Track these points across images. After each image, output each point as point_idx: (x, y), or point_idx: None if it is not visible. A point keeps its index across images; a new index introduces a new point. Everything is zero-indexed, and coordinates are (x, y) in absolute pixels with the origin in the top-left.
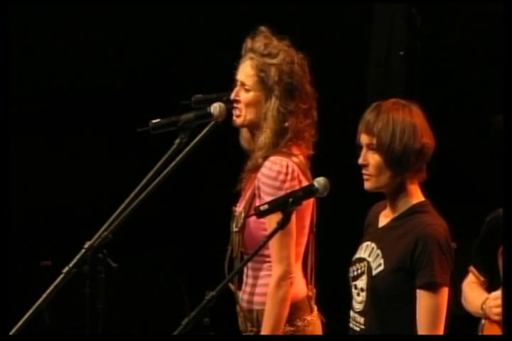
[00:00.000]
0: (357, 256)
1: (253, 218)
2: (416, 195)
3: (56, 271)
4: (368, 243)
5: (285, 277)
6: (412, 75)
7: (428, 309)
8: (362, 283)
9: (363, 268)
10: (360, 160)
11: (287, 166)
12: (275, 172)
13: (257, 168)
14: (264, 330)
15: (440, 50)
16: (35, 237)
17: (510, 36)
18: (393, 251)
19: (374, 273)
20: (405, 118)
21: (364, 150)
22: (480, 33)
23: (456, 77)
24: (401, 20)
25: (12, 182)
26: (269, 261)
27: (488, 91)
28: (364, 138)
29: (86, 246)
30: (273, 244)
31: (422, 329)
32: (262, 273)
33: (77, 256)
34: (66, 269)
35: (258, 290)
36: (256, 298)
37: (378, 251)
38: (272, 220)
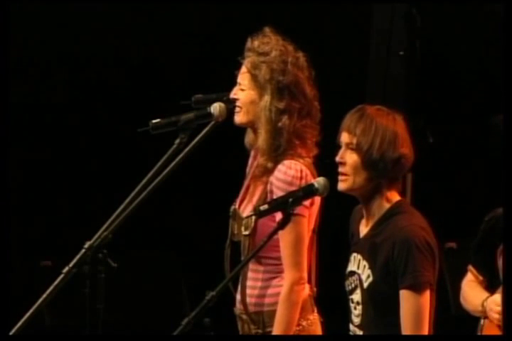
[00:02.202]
0: (348, 269)
1: (264, 222)
2: (391, 198)
3: (56, 271)
4: (355, 254)
5: (298, 282)
6: (412, 75)
7: (412, 310)
8: (357, 296)
9: (356, 282)
10: (338, 158)
11: (301, 171)
12: (290, 177)
13: (266, 172)
14: (276, 334)
15: (440, 50)
16: (35, 237)
17: (510, 36)
18: (377, 260)
19: (365, 285)
20: (388, 126)
21: (343, 148)
22: (480, 33)
23: (455, 76)
24: (401, 20)
25: (12, 182)
26: (279, 264)
27: (488, 92)
28: (344, 137)
29: (86, 246)
30: (286, 249)
31: (406, 330)
32: (272, 275)
33: (77, 256)
34: (66, 269)
35: (269, 291)
36: (267, 300)
37: (365, 263)
38: None
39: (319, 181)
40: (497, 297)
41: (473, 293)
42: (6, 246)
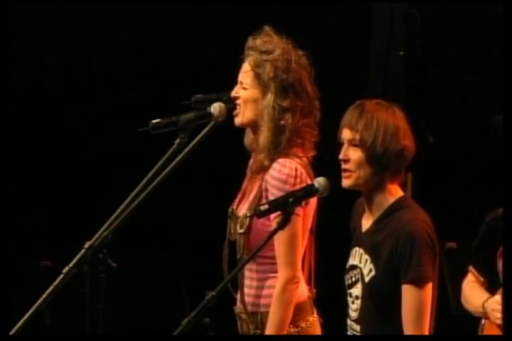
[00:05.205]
0: (349, 263)
1: (259, 220)
2: (394, 192)
3: (56, 271)
4: (357, 248)
5: (292, 281)
6: (412, 75)
7: (414, 304)
8: (357, 290)
9: (357, 276)
10: (341, 156)
11: (296, 169)
12: (285, 176)
13: (262, 169)
14: (268, 332)
15: (440, 50)
16: (35, 237)
17: (510, 36)
18: (380, 255)
19: (367, 279)
20: (389, 120)
21: (345, 145)
22: (480, 33)
23: (456, 77)
24: (401, 20)
25: (12, 182)
26: (275, 263)
27: (488, 92)
28: (346, 134)
29: (86, 246)
30: (280, 248)
31: (407, 324)
32: (268, 275)
33: (77, 256)
34: (66, 269)
35: (265, 292)
36: (263, 301)
37: (367, 257)
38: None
39: (319, 181)
40: (498, 297)
41: (473, 294)
42: (6, 246)
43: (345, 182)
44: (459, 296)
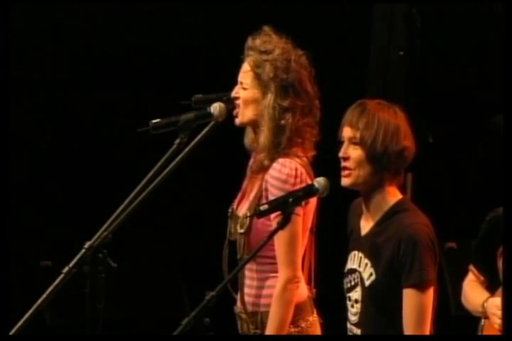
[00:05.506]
0: (348, 266)
1: (260, 220)
2: (393, 194)
3: (56, 271)
4: (355, 252)
5: (292, 281)
6: (412, 75)
7: (415, 308)
8: (356, 294)
9: (356, 280)
10: (341, 153)
11: (296, 169)
12: (285, 175)
13: (262, 169)
14: (269, 332)
15: (440, 50)
16: (35, 237)
17: (510, 36)
18: (381, 259)
19: (367, 283)
20: (390, 120)
21: (346, 143)
22: (480, 33)
23: (456, 76)
24: (401, 20)
25: (12, 182)
26: (275, 263)
27: (488, 92)
28: (347, 132)
29: (86, 246)
30: (280, 247)
31: (408, 328)
32: (268, 275)
33: (77, 256)
34: (66, 269)
35: (265, 292)
36: (263, 300)
37: (366, 261)
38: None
39: (319, 181)
40: (498, 300)
41: (473, 293)
42: (6, 246)
43: (345, 181)
44: (459, 296)
